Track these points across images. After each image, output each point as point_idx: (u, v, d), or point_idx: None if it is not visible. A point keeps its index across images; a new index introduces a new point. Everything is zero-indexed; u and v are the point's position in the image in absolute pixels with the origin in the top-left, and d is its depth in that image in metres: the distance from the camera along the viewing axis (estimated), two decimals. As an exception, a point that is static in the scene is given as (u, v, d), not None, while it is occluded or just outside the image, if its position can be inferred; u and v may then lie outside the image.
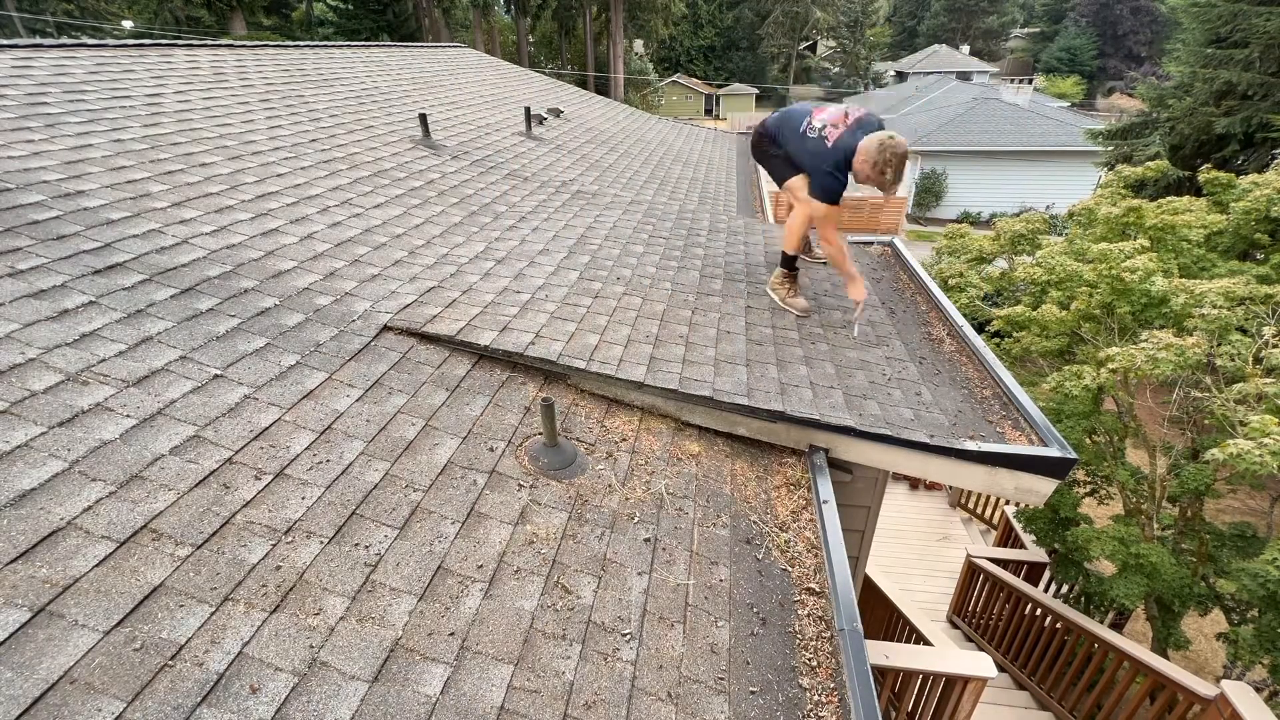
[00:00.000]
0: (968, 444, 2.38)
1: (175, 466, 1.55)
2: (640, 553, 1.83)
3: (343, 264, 2.74)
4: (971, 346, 3.18)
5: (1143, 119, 13.78)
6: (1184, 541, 4.96)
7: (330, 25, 37.20)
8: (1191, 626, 6.26)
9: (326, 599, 1.40)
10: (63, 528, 1.32)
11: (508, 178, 4.62)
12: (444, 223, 3.51)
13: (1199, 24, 11.93)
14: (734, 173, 8.68)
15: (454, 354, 2.40)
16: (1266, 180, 5.58)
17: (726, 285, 3.50)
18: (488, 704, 1.31)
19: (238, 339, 2.06)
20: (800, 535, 2.10)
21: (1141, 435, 5.19)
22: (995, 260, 7.18)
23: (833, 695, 1.58)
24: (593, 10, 43.51)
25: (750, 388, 2.50)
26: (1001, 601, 5.57)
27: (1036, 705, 5.10)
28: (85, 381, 1.68)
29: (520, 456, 2.03)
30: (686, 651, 1.59)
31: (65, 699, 1.06)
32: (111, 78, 3.90)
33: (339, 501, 1.64)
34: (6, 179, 2.43)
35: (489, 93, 7.68)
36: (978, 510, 7.82)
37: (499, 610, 1.52)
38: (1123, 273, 4.57)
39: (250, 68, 5.16)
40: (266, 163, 3.48)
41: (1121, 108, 34.58)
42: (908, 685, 3.47)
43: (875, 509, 3.17)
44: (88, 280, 2.06)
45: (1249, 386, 3.90)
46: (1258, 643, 3.88)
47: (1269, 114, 10.52)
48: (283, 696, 1.19)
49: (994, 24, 55.13)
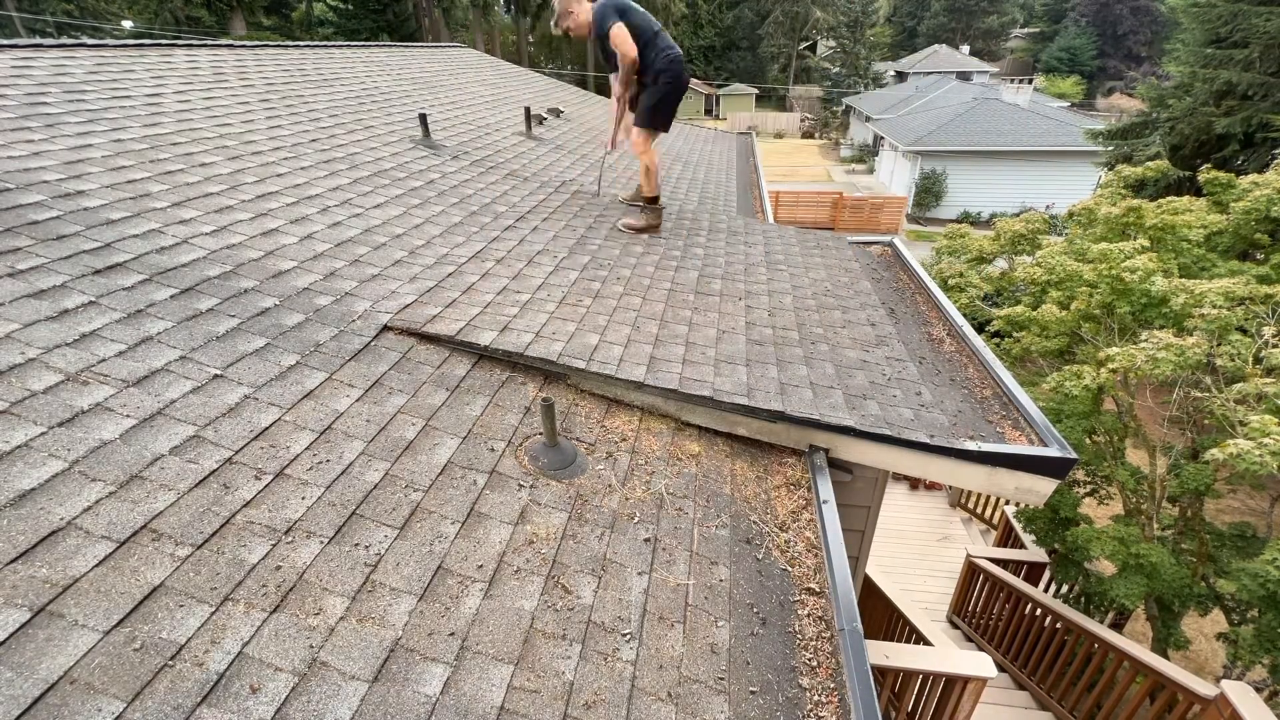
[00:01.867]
0: (968, 444, 2.38)
1: (175, 466, 1.55)
2: (640, 553, 1.83)
3: (343, 264, 2.74)
4: (971, 346, 3.18)
5: (1143, 119, 13.78)
6: (1184, 541, 4.96)
7: (330, 25, 37.20)
8: (1191, 626, 6.25)
9: (326, 599, 1.40)
10: (63, 528, 1.32)
11: (508, 178, 4.62)
12: (444, 223, 3.51)
13: (1199, 24, 11.93)
14: (734, 173, 8.68)
15: (454, 354, 2.40)
16: (1266, 180, 5.58)
17: (726, 285, 3.50)
18: (488, 704, 1.31)
19: (238, 339, 2.06)
20: (800, 535, 2.10)
21: (1141, 435, 5.19)
22: (995, 260, 7.19)
23: (833, 695, 1.58)
24: (593, 10, 43.44)
25: (750, 388, 2.50)
26: (1001, 601, 5.57)
27: (1036, 705, 5.10)
28: (85, 381, 1.68)
29: (520, 456, 2.03)
30: (686, 651, 1.59)
31: (65, 699, 1.06)
32: (111, 78, 3.90)
33: (339, 501, 1.64)
34: (6, 179, 2.43)
35: (489, 93, 7.68)
36: (978, 510, 7.82)
37: (499, 610, 1.52)
38: (1123, 273, 4.57)
39: (250, 68, 5.16)
40: (266, 163, 3.48)
41: (1121, 108, 34.59)
42: (908, 685, 3.47)
43: (875, 509, 3.17)
44: (88, 280, 2.06)
45: (1249, 386, 3.91)
46: (1258, 643, 3.88)
47: (1269, 114, 10.52)
48: (283, 696, 1.19)
49: (994, 24, 55.11)
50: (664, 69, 3.66)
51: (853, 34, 45.66)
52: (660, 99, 3.76)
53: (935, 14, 55.95)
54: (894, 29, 61.94)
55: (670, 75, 3.68)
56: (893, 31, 61.85)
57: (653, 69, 3.68)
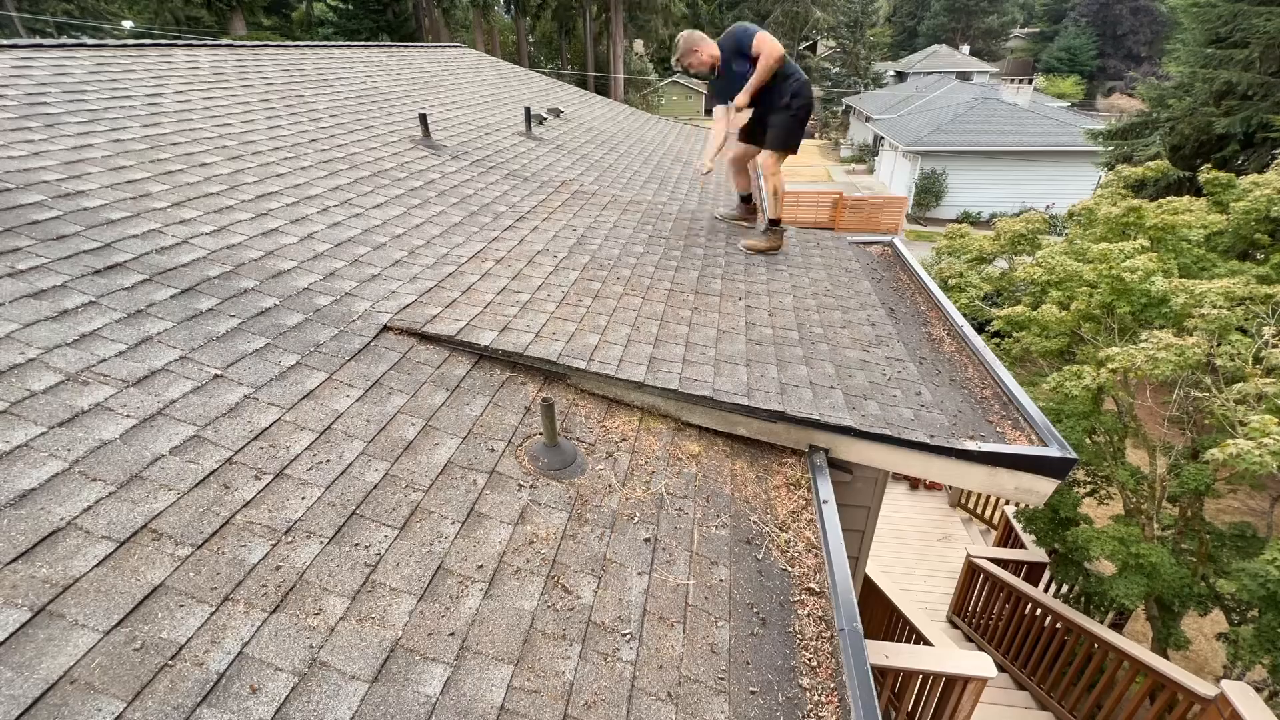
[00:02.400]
0: (968, 444, 2.38)
1: (175, 466, 1.55)
2: (640, 553, 1.83)
3: (343, 264, 2.74)
4: (971, 346, 3.18)
5: (1143, 119, 13.78)
6: (1184, 541, 4.96)
7: (330, 25, 37.18)
8: (1191, 626, 6.25)
9: (326, 599, 1.40)
10: (63, 528, 1.32)
11: (508, 178, 4.62)
12: (444, 223, 3.51)
13: (1199, 24, 11.93)
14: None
15: (454, 354, 2.40)
16: (1266, 180, 5.58)
17: (726, 285, 3.49)
18: (488, 704, 1.31)
19: (238, 339, 2.06)
20: (800, 535, 2.10)
21: (1141, 435, 5.19)
22: (995, 260, 7.19)
23: (833, 695, 1.58)
24: (593, 10, 43.47)
25: (750, 388, 2.50)
26: (1001, 601, 5.57)
27: (1036, 705, 5.10)
28: (85, 381, 1.68)
29: (520, 456, 2.03)
30: (686, 651, 1.59)
31: (65, 699, 1.06)
32: (111, 78, 3.90)
33: (339, 501, 1.64)
34: (6, 179, 2.43)
35: (489, 93, 7.68)
36: (978, 510, 7.81)
37: (499, 610, 1.52)
38: (1123, 273, 4.57)
39: (250, 68, 5.16)
40: (266, 163, 3.48)
41: (1121, 108, 34.57)
42: (908, 685, 3.47)
43: (875, 509, 3.17)
44: (88, 280, 2.06)
45: (1249, 386, 3.91)
46: (1258, 643, 3.88)
47: (1269, 114, 10.52)
48: (283, 696, 1.19)
49: (994, 24, 55.10)
50: (797, 92, 3.78)
51: (853, 34, 45.62)
52: (797, 123, 3.87)
53: (935, 14, 55.95)
54: (894, 29, 61.94)
55: (804, 99, 3.80)
56: (893, 31, 61.85)
57: (786, 92, 3.77)
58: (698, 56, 3.82)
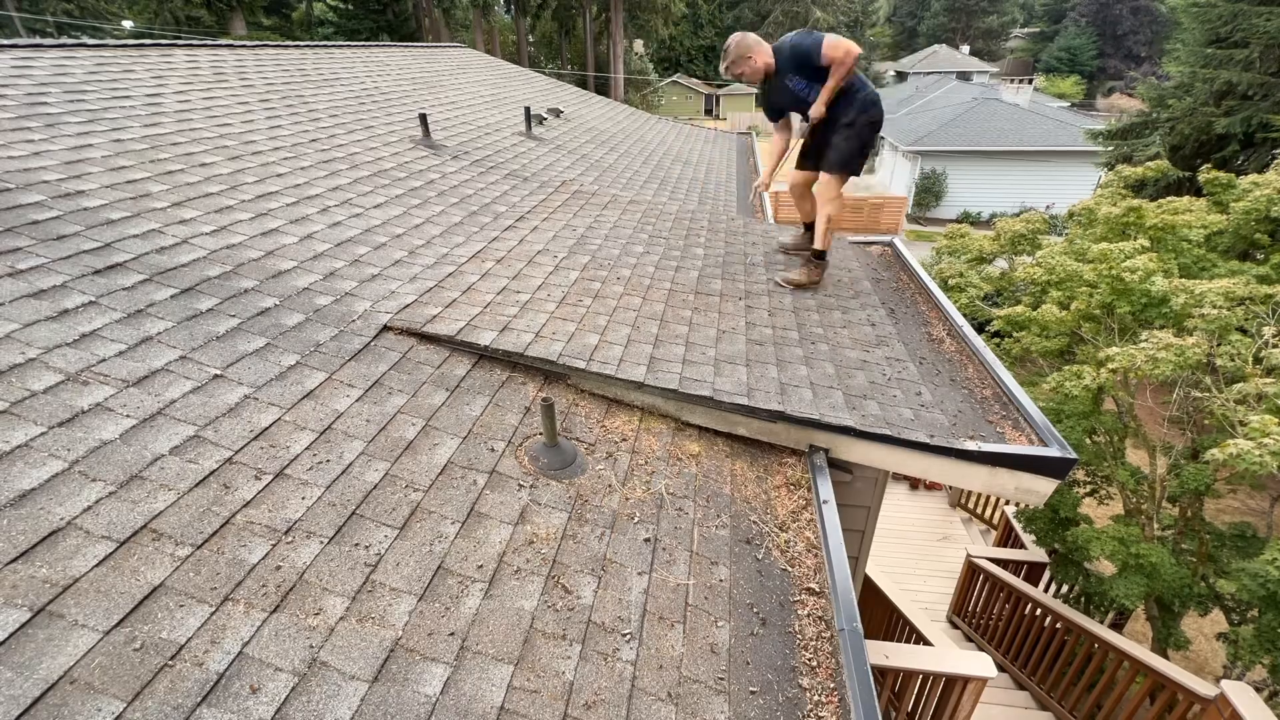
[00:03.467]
0: (968, 444, 2.38)
1: (175, 466, 1.55)
2: (640, 553, 1.83)
3: (343, 264, 2.74)
4: (971, 346, 3.18)
5: (1143, 119, 13.78)
6: (1184, 541, 4.96)
7: (330, 25, 37.20)
8: (1191, 626, 6.25)
9: (326, 599, 1.40)
10: (63, 528, 1.32)
11: (508, 178, 4.62)
12: (444, 223, 3.51)
13: (1199, 24, 11.93)
14: (734, 173, 8.68)
15: (454, 354, 2.40)
16: (1266, 180, 5.58)
17: (726, 285, 3.49)
18: (488, 704, 1.31)
19: (238, 339, 2.06)
20: (800, 535, 2.10)
21: (1141, 435, 5.19)
22: (995, 260, 7.19)
23: (833, 695, 1.58)
24: (593, 10, 43.50)
25: (750, 388, 2.50)
26: (1001, 601, 5.57)
27: (1036, 705, 5.10)
28: (85, 381, 1.68)
29: (520, 456, 2.03)
30: (686, 651, 1.59)
31: (65, 699, 1.06)
32: (111, 78, 3.90)
33: (339, 501, 1.64)
34: (6, 179, 2.43)
35: (489, 93, 7.68)
36: (978, 510, 7.82)
37: (499, 610, 1.51)
38: (1123, 273, 4.57)
39: (250, 68, 5.16)
40: (266, 163, 3.48)
41: (1121, 108, 34.55)
42: (908, 685, 3.47)
43: (875, 509, 3.17)
44: (88, 280, 2.06)
45: (1249, 386, 3.91)
46: (1258, 643, 3.88)
47: (1269, 114, 10.52)
48: (283, 696, 1.19)
49: (994, 24, 55.14)
50: (865, 109, 3.32)
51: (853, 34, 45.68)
52: (863, 142, 3.42)
53: (935, 14, 55.98)
54: (894, 29, 61.95)
55: (872, 116, 3.34)
56: (893, 31, 61.86)
57: (853, 107, 3.31)
58: (751, 64, 3.35)
